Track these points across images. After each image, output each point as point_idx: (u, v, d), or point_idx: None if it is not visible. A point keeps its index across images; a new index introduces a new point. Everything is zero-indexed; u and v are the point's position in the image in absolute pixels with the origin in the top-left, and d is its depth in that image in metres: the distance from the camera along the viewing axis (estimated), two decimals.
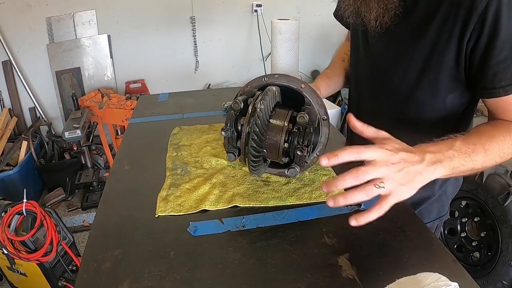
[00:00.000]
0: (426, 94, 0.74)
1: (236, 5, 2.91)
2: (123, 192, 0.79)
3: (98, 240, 0.65)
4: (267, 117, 0.69)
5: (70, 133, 2.10)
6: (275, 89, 0.72)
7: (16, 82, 2.60)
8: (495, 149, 0.60)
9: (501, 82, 0.62)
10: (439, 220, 0.95)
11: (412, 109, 0.78)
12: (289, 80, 0.74)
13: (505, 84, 0.62)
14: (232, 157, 0.73)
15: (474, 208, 1.77)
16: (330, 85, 0.96)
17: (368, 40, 0.81)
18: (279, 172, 0.79)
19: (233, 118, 0.72)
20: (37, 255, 1.43)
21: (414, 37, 0.70)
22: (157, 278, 0.55)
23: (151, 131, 1.09)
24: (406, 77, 0.75)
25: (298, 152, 0.68)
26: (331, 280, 0.54)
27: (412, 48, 0.71)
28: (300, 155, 0.68)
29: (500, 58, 0.61)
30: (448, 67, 0.68)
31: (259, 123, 0.66)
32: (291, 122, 0.71)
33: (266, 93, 0.69)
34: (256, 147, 0.68)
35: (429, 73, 0.71)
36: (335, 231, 0.64)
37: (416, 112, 0.78)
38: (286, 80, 0.74)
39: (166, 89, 2.41)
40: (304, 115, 0.67)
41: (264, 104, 0.67)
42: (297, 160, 0.70)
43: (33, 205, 1.45)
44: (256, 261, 0.59)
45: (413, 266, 0.55)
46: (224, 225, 0.67)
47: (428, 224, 0.92)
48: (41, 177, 2.43)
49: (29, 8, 2.47)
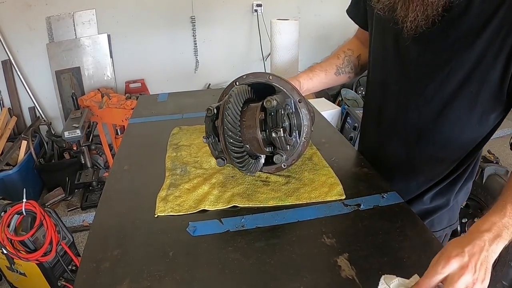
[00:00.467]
0: (462, 110, 0.72)
1: (236, 5, 2.91)
2: (122, 192, 0.79)
3: (97, 240, 0.65)
4: (237, 112, 0.70)
5: (69, 133, 2.09)
6: (243, 87, 0.74)
7: (15, 81, 2.59)
8: None
9: None
10: (449, 228, 0.93)
11: (443, 124, 0.75)
12: (256, 76, 0.78)
13: None
14: (221, 162, 0.75)
15: (474, 208, 1.77)
16: (312, 77, 0.93)
17: (399, 42, 0.76)
18: (276, 168, 0.80)
19: (210, 125, 0.75)
20: (36, 255, 1.42)
21: (460, 48, 0.67)
22: (156, 278, 0.55)
23: (150, 131, 1.09)
24: (444, 88, 0.71)
25: (273, 134, 0.69)
26: (331, 280, 0.55)
27: (455, 59, 0.68)
28: (276, 137, 0.69)
29: None
30: (492, 84, 0.66)
31: (230, 119, 0.69)
32: (263, 111, 0.72)
33: (232, 91, 0.72)
34: (235, 142, 0.70)
35: (470, 87, 0.68)
36: (334, 231, 0.64)
37: (447, 128, 0.75)
38: (253, 76, 0.78)
39: (166, 89, 2.41)
40: (270, 99, 0.68)
41: (232, 100, 0.69)
42: (277, 145, 0.71)
43: (32, 205, 1.45)
44: (256, 261, 0.59)
45: (413, 266, 0.55)
46: (223, 225, 0.67)
47: (438, 232, 0.91)
48: (41, 177, 2.43)
49: (28, 7, 2.47)
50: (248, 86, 0.77)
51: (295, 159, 0.78)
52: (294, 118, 0.74)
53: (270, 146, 0.74)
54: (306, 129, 0.76)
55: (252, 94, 0.77)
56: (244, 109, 0.73)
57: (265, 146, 0.73)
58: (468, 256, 0.49)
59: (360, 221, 0.67)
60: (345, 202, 0.72)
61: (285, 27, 1.46)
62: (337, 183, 0.77)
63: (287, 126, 0.73)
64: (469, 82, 0.68)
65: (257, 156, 0.76)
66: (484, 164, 1.70)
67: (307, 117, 0.76)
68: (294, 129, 0.75)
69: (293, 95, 0.75)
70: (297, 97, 0.76)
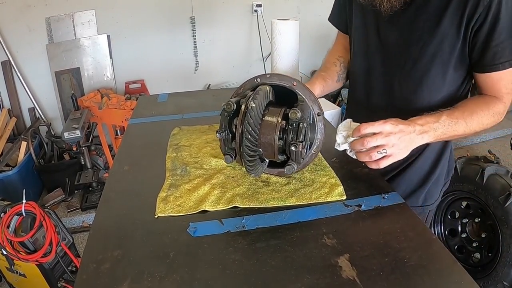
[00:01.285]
0: (436, 77, 0.84)
1: (236, 5, 2.91)
2: (122, 192, 0.79)
3: (97, 241, 0.65)
4: (259, 115, 0.69)
5: (69, 134, 2.09)
6: (267, 88, 0.72)
7: (15, 82, 2.59)
8: (475, 121, 0.79)
9: (500, 59, 0.76)
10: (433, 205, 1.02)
11: (423, 93, 0.87)
12: (281, 78, 0.75)
13: (504, 60, 0.76)
14: (229, 159, 0.73)
15: (475, 209, 1.77)
16: (325, 86, 1.00)
17: (379, 30, 0.88)
18: (278, 172, 0.79)
19: (226, 120, 0.72)
20: (36, 256, 1.42)
21: (429, 25, 0.79)
22: (156, 279, 0.55)
23: (150, 132, 1.09)
24: (420, 61, 0.84)
25: (293, 147, 0.68)
26: (331, 281, 0.54)
27: (426, 34, 0.80)
28: (295, 150, 0.68)
29: (499, 41, 0.75)
30: (457, 50, 0.80)
31: (251, 122, 0.66)
32: (285, 120, 0.71)
33: (257, 92, 0.69)
34: (251, 146, 0.68)
35: (441, 56, 0.81)
36: (335, 232, 0.64)
37: (428, 96, 0.87)
38: (278, 79, 0.75)
39: (166, 89, 2.42)
40: (296, 111, 0.67)
41: (256, 102, 0.67)
42: (293, 157, 0.70)
43: (32, 206, 1.45)
44: (256, 262, 0.58)
45: (413, 266, 0.55)
46: (224, 226, 0.67)
47: (418, 208, 1.00)
48: (41, 178, 2.43)
49: (28, 8, 2.47)
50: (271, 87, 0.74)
51: (300, 168, 0.78)
52: (309, 131, 0.73)
53: (283, 155, 0.73)
54: (318, 143, 0.76)
55: (273, 96, 0.75)
56: (264, 112, 0.71)
57: (279, 154, 0.72)
58: (399, 129, 0.70)
59: (361, 222, 0.67)
60: (346, 203, 0.72)
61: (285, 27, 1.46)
62: (338, 184, 0.77)
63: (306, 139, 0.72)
64: (440, 54, 0.81)
65: (263, 158, 0.76)
66: (485, 164, 1.69)
67: (322, 131, 0.75)
68: (308, 142, 0.74)
69: (313, 107, 0.74)
70: (317, 110, 0.74)
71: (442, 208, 1.89)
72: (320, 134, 0.76)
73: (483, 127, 0.81)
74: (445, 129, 0.76)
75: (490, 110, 0.80)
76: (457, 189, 1.79)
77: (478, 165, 1.70)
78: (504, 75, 0.78)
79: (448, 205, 1.88)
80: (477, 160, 1.79)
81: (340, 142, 0.77)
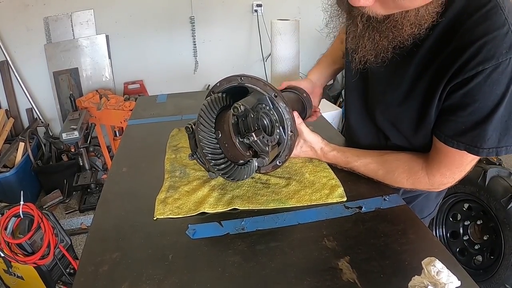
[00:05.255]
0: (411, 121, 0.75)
1: (236, 5, 2.91)
2: (121, 194, 0.78)
3: (96, 242, 0.64)
4: (210, 124, 0.71)
5: (67, 135, 2.08)
6: (214, 98, 0.74)
7: (13, 82, 2.58)
8: (370, 172, 0.79)
9: (460, 137, 0.66)
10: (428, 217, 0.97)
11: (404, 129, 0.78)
12: (229, 80, 0.77)
13: (463, 141, 0.66)
14: (212, 175, 0.77)
15: (477, 211, 1.76)
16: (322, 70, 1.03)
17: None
18: (273, 167, 0.79)
19: (193, 141, 0.75)
20: (34, 258, 1.41)
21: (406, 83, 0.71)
22: (155, 281, 0.55)
23: (149, 133, 1.08)
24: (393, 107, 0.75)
25: (245, 140, 0.69)
26: (332, 284, 0.54)
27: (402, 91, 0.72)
28: (248, 142, 0.69)
29: (462, 119, 0.65)
30: (435, 108, 0.69)
31: (203, 134, 0.70)
32: (239, 118, 0.72)
33: (201, 107, 0.72)
34: (214, 156, 0.71)
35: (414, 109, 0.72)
36: (335, 234, 0.64)
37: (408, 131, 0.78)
38: (226, 82, 0.77)
39: (165, 90, 2.41)
40: (237, 106, 0.67)
41: (202, 115, 0.71)
42: (256, 148, 0.71)
43: (30, 208, 1.44)
44: (256, 264, 0.58)
45: (414, 269, 0.55)
46: (223, 228, 0.66)
47: None
48: (38, 179, 2.42)
49: (26, 7, 2.45)
50: (223, 93, 0.76)
51: (287, 154, 0.77)
52: (274, 114, 0.73)
53: (251, 150, 0.73)
54: (289, 122, 0.75)
55: (228, 100, 0.76)
56: (219, 118, 0.73)
57: (246, 151, 0.72)
58: (307, 146, 0.84)
59: (362, 224, 0.67)
60: (346, 205, 0.72)
61: (285, 27, 1.46)
62: (338, 185, 0.77)
63: (268, 124, 0.73)
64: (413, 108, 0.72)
65: (248, 161, 0.75)
66: (487, 166, 1.69)
67: (286, 110, 0.74)
68: (277, 125, 0.73)
69: (267, 91, 0.73)
70: (271, 92, 0.73)
71: (444, 210, 1.88)
72: (286, 113, 0.74)
73: (376, 178, 0.78)
74: (332, 161, 0.84)
75: (405, 171, 0.74)
76: (458, 191, 1.78)
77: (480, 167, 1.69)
78: (456, 153, 0.68)
79: (449, 207, 1.87)
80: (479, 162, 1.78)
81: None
